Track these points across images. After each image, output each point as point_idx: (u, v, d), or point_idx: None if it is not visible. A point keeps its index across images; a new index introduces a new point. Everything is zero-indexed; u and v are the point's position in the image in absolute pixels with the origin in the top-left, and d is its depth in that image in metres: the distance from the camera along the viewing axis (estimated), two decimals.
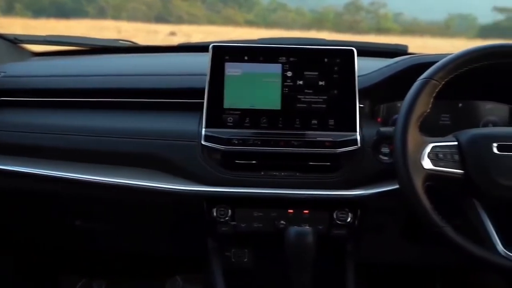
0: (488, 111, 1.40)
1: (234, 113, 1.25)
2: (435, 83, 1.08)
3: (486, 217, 1.06)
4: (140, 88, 1.37)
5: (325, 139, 1.23)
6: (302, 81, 1.26)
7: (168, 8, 8.57)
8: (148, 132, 1.28)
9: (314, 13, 8.54)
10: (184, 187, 1.23)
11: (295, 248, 1.16)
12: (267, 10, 8.86)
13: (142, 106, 1.35)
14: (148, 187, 1.24)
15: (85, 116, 1.34)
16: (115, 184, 1.25)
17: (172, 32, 7.16)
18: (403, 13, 8.30)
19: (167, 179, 1.25)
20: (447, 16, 7.79)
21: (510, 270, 1.04)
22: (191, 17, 8.14)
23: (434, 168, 1.06)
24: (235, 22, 8.35)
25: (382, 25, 8.27)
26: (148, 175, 1.26)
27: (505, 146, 1.06)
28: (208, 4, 8.74)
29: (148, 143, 1.27)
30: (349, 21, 8.18)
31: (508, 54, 1.09)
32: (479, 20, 7.79)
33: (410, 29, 7.88)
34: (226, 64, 1.27)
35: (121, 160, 1.29)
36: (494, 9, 7.32)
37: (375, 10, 8.41)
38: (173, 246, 1.49)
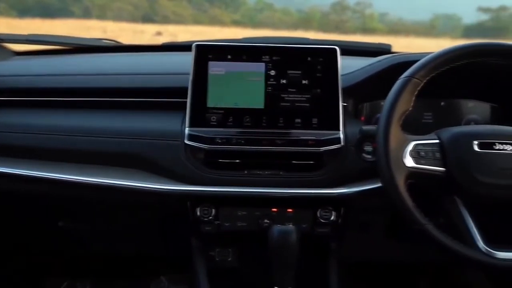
0: (470, 109, 1.42)
1: (217, 112, 1.24)
2: (416, 82, 1.08)
3: (467, 214, 1.06)
4: (124, 87, 1.36)
5: (309, 137, 1.23)
6: (286, 80, 1.26)
7: (154, 8, 8.54)
8: (131, 132, 1.27)
9: (301, 13, 8.57)
10: (167, 187, 1.23)
11: (279, 246, 1.16)
12: (254, 10, 8.87)
13: (125, 105, 1.34)
14: (131, 186, 1.23)
15: (68, 115, 1.33)
16: (98, 184, 1.24)
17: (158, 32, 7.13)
18: (389, 13, 8.36)
19: (151, 179, 1.24)
20: (432, 16, 7.86)
21: (490, 266, 1.05)
22: (178, 17, 8.11)
23: (416, 166, 1.07)
24: (221, 22, 8.34)
25: (368, 25, 8.31)
26: (131, 174, 1.26)
27: (485, 144, 1.07)
28: (195, 4, 8.72)
29: (131, 143, 1.26)
30: (336, 21, 8.21)
31: (487, 52, 1.10)
32: (464, 20, 7.86)
33: (395, 29, 7.93)
34: (209, 63, 1.26)
35: (104, 160, 1.28)
36: (478, 9, 7.40)
37: (361, 10, 8.46)
38: (157, 246, 1.48)
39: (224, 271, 1.37)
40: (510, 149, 1.07)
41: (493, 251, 1.03)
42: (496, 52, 1.10)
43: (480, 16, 7.72)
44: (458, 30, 7.59)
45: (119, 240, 1.51)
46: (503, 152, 1.06)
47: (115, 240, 1.51)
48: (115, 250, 1.60)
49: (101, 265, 1.80)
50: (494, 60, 1.12)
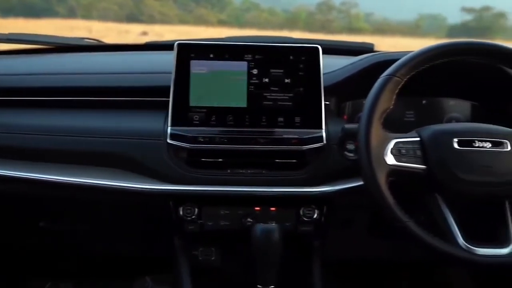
0: (451, 107, 1.43)
1: (200, 111, 1.24)
2: (397, 80, 1.09)
3: (447, 211, 1.07)
4: (106, 86, 1.35)
5: (291, 136, 1.24)
6: (268, 78, 1.27)
7: (140, 7, 8.49)
8: (113, 131, 1.26)
9: (287, 13, 8.57)
10: (150, 186, 1.22)
11: (261, 245, 1.16)
12: (240, 10, 8.85)
13: (107, 104, 1.34)
14: (113, 186, 1.23)
15: (50, 115, 1.32)
16: (80, 184, 1.23)
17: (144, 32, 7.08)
18: (374, 13, 8.39)
19: (133, 178, 1.24)
20: (417, 16, 7.91)
21: (470, 263, 1.06)
22: (163, 16, 8.07)
23: (397, 164, 1.07)
24: (207, 22, 8.31)
25: (354, 24, 8.34)
26: (114, 174, 1.25)
27: (465, 141, 1.08)
28: (180, 3, 8.68)
29: (113, 142, 1.26)
30: (321, 20, 8.23)
31: (466, 51, 1.12)
32: (448, 20, 7.92)
33: (381, 29, 7.97)
34: (191, 62, 1.26)
35: (85, 160, 1.28)
36: (462, 9, 7.46)
37: (347, 10, 8.48)
38: (140, 245, 1.48)
39: (208, 270, 1.37)
40: (489, 146, 1.08)
41: (473, 247, 1.04)
42: (474, 50, 1.12)
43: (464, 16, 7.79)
44: (442, 30, 7.65)
45: (102, 240, 1.50)
46: (482, 149, 1.08)
47: (98, 240, 1.50)
48: (98, 251, 1.59)
49: (85, 265, 1.79)
50: (473, 58, 1.13)
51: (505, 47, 1.12)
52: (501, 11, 7.26)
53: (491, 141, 1.08)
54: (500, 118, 1.29)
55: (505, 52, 1.11)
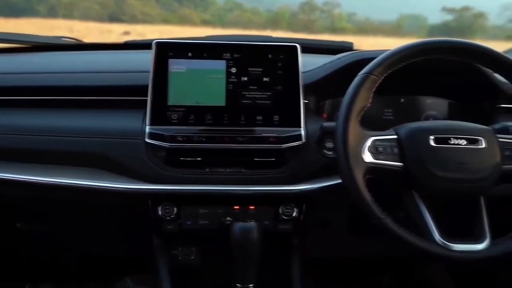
0: (429, 105, 1.44)
1: (178, 110, 1.24)
2: (374, 78, 1.10)
3: (424, 207, 1.08)
4: (84, 85, 1.34)
5: (270, 134, 1.24)
6: (247, 77, 1.26)
7: (122, 7, 8.43)
8: (91, 131, 1.25)
9: (270, 13, 8.59)
10: (128, 186, 1.21)
11: (240, 243, 1.15)
12: (223, 10, 8.85)
13: (85, 103, 1.32)
14: (92, 186, 1.22)
15: (26, 114, 1.30)
16: (57, 184, 1.22)
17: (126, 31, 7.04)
18: (357, 13, 8.45)
19: (112, 178, 1.23)
20: (399, 16, 7.99)
21: (446, 258, 1.06)
22: (146, 16, 8.03)
23: (374, 161, 1.08)
24: (191, 21, 8.29)
25: (336, 24, 8.39)
26: (92, 174, 1.24)
27: (441, 139, 1.09)
28: (163, 3, 8.65)
29: (91, 142, 1.24)
30: (304, 20, 8.27)
31: (442, 49, 1.13)
32: (429, 20, 8.02)
33: (363, 29, 8.04)
34: (169, 60, 1.25)
35: (64, 160, 1.26)
36: (442, 9, 7.56)
37: (329, 10, 8.54)
38: (120, 246, 1.46)
39: (187, 269, 1.36)
40: (464, 143, 1.09)
41: (449, 243, 1.04)
42: (449, 49, 1.12)
43: (445, 16, 7.90)
44: (423, 30, 7.75)
45: (81, 241, 1.49)
46: (458, 146, 1.08)
47: (77, 241, 1.49)
48: (77, 251, 1.58)
49: (64, 266, 1.77)
50: (448, 56, 1.14)
51: (479, 45, 1.13)
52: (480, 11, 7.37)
53: (467, 138, 1.09)
54: (476, 116, 1.31)
55: (479, 50, 1.12)
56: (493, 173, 1.09)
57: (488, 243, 1.05)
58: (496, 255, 1.06)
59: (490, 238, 1.06)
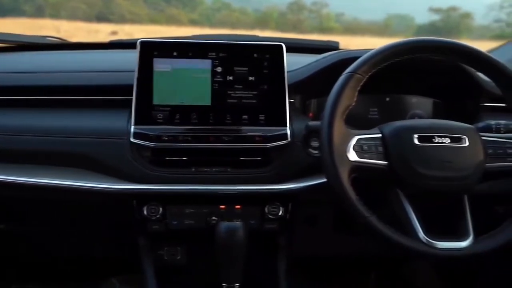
0: (414, 104, 1.45)
1: (163, 109, 1.23)
2: (359, 77, 1.10)
3: (408, 205, 1.08)
4: (68, 85, 1.33)
5: (256, 134, 1.24)
6: (232, 76, 1.26)
7: (110, 7, 8.39)
8: (75, 131, 1.24)
9: (258, 13, 8.59)
10: (113, 186, 1.21)
11: (225, 243, 1.15)
12: (211, 9, 8.83)
13: (70, 103, 1.31)
14: (76, 186, 1.21)
15: (9, 114, 1.29)
16: (41, 184, 1.21)
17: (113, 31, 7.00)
18: (345, 13, 8.49)
19: (96, 178, 1.22)
20: (386, 16, 8.03)
21: (430, 256, 1.07)
22: (134, 16, 8.00)
23: (359, 160, 1.08)
24: (179, 21, 8.27)
25: (325, 24, 8.42)
26: (76, 174, 1.23)
27: (424, 137, 1.09)
28: (151, 3, 8.62)
29: (76, 142, 1.24)
30: (293, 20, 8.28)
31: (426, 48, 1.13)
32: (416, 20, 8.07)
33: (351, 29, 8.07)
34: (154, 60, 1.25)
35: (48, 160, 1.25)
36: (429, 9, 7.61)
37: (318, 10, 8.56)
38: (105, 246, 1.46)
39: (173, 269, 1.36)
40: (448, 142, 1.10)
41: (433, 241, 1.05)
42: (433, 48, 1.13)
43: (432, 16, 7.96)
44: (411, 30, 7.82)
45: (66, 242, 1.48)
46: (441, 145, 1.09)
47: (62, 242, 1.48)
48: (62, 252, 1.57)
49: (49, 267, 1.75)
50: (432, 56, 1.15)
51: (462, 44, 1.14)
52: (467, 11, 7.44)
53: (450, 136, 1.10)
54: (460, 115, 1.32)
55: (462, 49, 1.13)
56: (476, 171, 1.10)
57: (472, 240, 1.06)
58: (479, 253, 1.07)
59: (473, 236, 1.07)
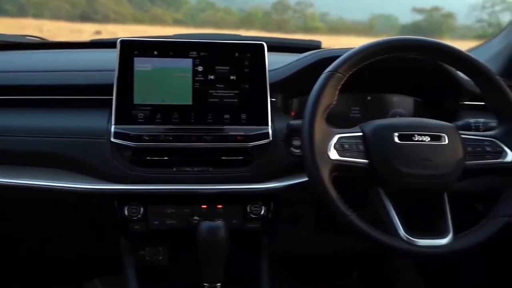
0: (395, 103, 1.46)
1: (144, 109, 1.23)
2: (339, 76, 1.10)
3: (389, 204, 1.09)
4: (48, 84, 1.32)
5: (237, 133, 1.23)
6: (214, 75, 1.26)
7: (93, 6, 8.31)
8: (55, 130, 1.23)
9: (243, 12, 8.58)
10: (93, 186, 1.20)
11: (207, 243, 1.15)
12: (196, 9, 8.80)
13: (49, 103, 1.30)
14: (56, 187, 1.20)
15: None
16: (20, 185, 1.20)
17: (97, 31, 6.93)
18: (329, 12, 8.51)
19: (76, 179, 1.21)
20: (371, 16, 8.08)
21: (411, 254, 1.08)
22: (118, 15, 7.93)
23: (340, 159, 1.08)
24: (163, 21, 8.22)
25: (309, 24, 8.44)
26: (56, 175, 1.22)
27: (405, 136, 1.10)
28: (135, 2, 8.56)
29: (56, 142, 1.22)
30: (277, 20, 8.28)
31: (405, 47, 1.14)
32: (400, 20, 8.13)
33: (335, 28, 8.10)
34: (135, 59, 1.24)
35: (28, 160, 1.24)
36: (413, 9, 7.68)
37: (302, 9, 8.58)
38: (87, 247, 1.44)
39: (155, 270, 1.35)
40: (428, 140, 1.10)
41: (413, 239, 1.05)
42: (413, 47, 1.14)
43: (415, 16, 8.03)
44: (395, 30, 7.87)
45: (47, 243, 1.46)
46: (421, 143, 1.10)
47: (43, 243, 1.46)
48: (43, 254, 1.55)
49: (30, 270, 1.73)
50: (412, 54, 1.16)
51: (442, 43, 1.15)
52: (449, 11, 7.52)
53: (430, 135, 1.11)
54: (440, 113, 1.34)
55: (442, 48, 1.14)
56: (456, 169, 1.11)
57: (451, 238, 1.07)
58: (459, 250, 1.07)
59: (453, 233, 1.08)
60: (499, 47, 1.56)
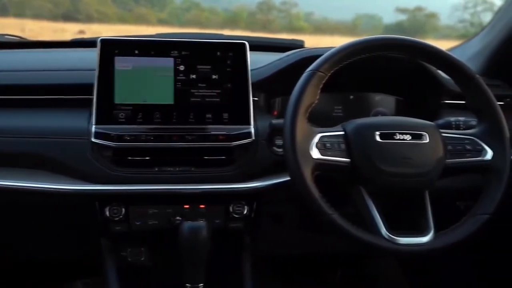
0: (378, 102, 1.47)
1: (125, 108, 1.21)
2: (321, 75, 1.10)
3: (371, 202, 1.09)
4: (27, 84, 1.30)
5: (219, 132, 1.23)
6: (195, 75, 1.25)
7: (76, 5, 8.23)
8: (34, 131, 1.22)
9: (228, 12, 8.57)
10: (74, 187, 1.18)
11: (189, 243, 1.14)
12: (180, 9, 8.76)
13: (28, 103, 1.28)
14: (36, 188, 1.18)
15: None
16: None
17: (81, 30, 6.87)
18: (314, 12, 8.54)
19: (56, 179, 1.20)
20: (355, 15, 8.12)
21: (392, 252, 1.08)
22: (101, 15, 7.87)
23: (322, 158, 1.08)
24: (148, 21, 8.17)
25: (294, 24, 8.45)
26: (36, 175, 1.20)
27: (386, 134, 1.10)
28: (120, 2, 8.49)
29: (36, 142, 1.21)
30: (262, 20, 8.28)
31: (386, 46, 1.14)
32: (384, 20, 8.18)
33: (320, 28, 8.12)
34: (115, 58, 1.23)
35: (6, 161, 1.22)
36: (396, 9, 7.74)
37: (287, 9, 8.59)
38: (67, 249, 1.42)
39: (137, 271, 1.34)
40: (409, 138, 1.11)
41: (395, 237, 1.05)
42: (393, 45, 1.14)
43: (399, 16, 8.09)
44: (378, 29, 7.92)
45: (28, 245, 1.44)
46: (402, 142, 1.10)
47: (23, 245, 1.44)
48: (24, 256, 1.53)
49: (12, 273, 1.71)
50: (393, 53, 1.16)
51: (422, 42, 1.15)
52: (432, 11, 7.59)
53: (411, 133, 1.11)
54: (422, 112, 1.34)
55: (422, 47, 1.15)
56: (437, 167, 1.11)
57: (432, 236, 1.07)
58: (440, 247, 1.08)
59: (434, 231, 1.08)
60: (479, 47, 1.58)
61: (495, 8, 1.62)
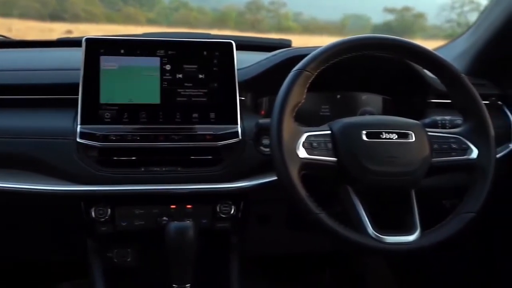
0: (364, 101, 1.47)
1: (111, 108, 1.21)
2: (307, 74, 1.10)
3: (358, 201, 1.09)
4: (11, 84, 1.28)
5: (206, 132, 1.23)
6: (182, 74, 1.25)
7: (64, 5, 8.17)
8: (19, 131, 1.20)
9: (216, 12, 8.55)
10: (59, 188, 1.17)
11: (175, 243, 1.14)
12: (169, 8, 8.72)
13: (13, 103, 1.27)
14: (20, 189, 1.17)
15: None
16: None
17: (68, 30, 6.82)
18: (303, 12, 8.54)
19: (41, 180, 1.18)
20: (343, 16, 8.13)
21: (379, 251, 1.08)
22: (89, 15, 7.82)
23: (309, 157, 1.08)
24: (136, 20, 8.13)
25: (283, 24, 8.45)
26: (20, 176, 1.19)
27: (372, 133, 1.11)
28: (108, 2, 8.44)
29: (20, 142, 1.20)
30: (251, 20, 8.27)
31: (373, 45, 1.15)
32: (372, 20, 8.21)
33: (309, 28, 8.13)
34: (101, 57, 1.22)
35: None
36: (384, 9, 7.77)
37: (276, 9, 8.59)
38: (53, 250, 1.41)
39: (123, 272, 1.33)
40: (395, 137, 1.11)
41: (381, 236, 1.05)
42: (379, 45, 1.15)
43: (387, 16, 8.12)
44: (367, 29, 7.95)
45: (13, 247, 1.42)
46: (389, 140, 1.11)
47: (8, 247, 1.42)
48: (9, 258, 1.51)
49: None
50: (379, 53, 1.17)
51: (408, 42, 1.16)
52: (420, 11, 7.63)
53: (397, 132, 1.12)
54: (408, 111, 1.35)
55: (408, 47, 1.15)
56: (423, 166, 1.12)
57: (419, 234, 1.08)
58: (426, 246, 1.08)
59: (420, 230, 1.08)
60: (465, 46, 1.58)
61: (481, 8, 1.63)
